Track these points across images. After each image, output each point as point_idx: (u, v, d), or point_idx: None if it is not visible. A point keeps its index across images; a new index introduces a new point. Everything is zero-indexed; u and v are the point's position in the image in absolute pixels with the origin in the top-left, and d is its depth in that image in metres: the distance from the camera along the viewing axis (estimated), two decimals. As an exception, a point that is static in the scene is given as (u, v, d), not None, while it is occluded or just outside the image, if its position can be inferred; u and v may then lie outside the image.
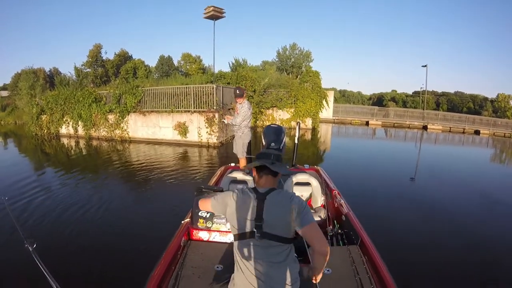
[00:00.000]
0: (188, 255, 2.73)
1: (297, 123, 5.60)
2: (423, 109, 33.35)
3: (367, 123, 28.16)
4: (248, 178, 4.22)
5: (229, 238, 3.06)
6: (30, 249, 2.07)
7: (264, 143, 5.02)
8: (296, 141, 5.12)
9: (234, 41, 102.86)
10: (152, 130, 15.13)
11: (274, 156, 2.03)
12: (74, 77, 39.74)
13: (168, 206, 6.28)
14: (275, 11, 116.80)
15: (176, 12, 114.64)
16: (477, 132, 25.96)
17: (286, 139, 5.10)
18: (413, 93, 72.62)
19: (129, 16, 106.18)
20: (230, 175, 4.38)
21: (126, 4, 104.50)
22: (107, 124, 16.25)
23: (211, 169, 9.06)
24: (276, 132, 5.29)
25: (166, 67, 43.24)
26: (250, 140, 5.89)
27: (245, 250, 1.94)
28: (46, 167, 10.99)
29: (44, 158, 12.84)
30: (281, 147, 5.06)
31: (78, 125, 17.48)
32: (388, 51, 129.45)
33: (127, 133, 15.79)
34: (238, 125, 5.82)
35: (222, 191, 2.92)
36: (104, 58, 44.70)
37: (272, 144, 4.98)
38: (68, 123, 18.12)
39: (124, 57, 45.44)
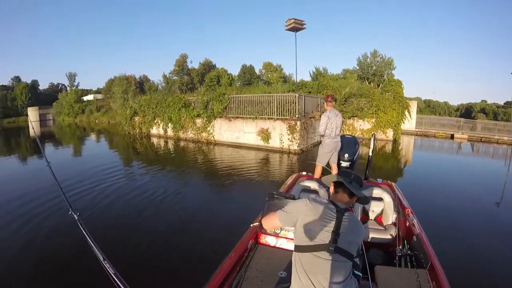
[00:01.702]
0: (254, 258, 2.76)
1: (372, 135, 5.43)
2: (514, 122, 30.18)
3: (452, 137, 26.21)
4: (320, 188, 4.10)
5: None
6: (76, 217, 2.17)
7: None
8: (370, 154, 5.02)
9: (314, 49, 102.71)
10: (236, 134, 15.97)
11: (354, 176, 2.05)
12: (162, 84, 43.61)
13: (243, 206, 6.53)
14: (358, 16, 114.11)
15: (258, 22, 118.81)
16: None
17: (360, 150, 5.14)
18: (504, 103, 65.81)
19: (213, 27, 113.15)
20: (302, 183, 4.31)
21: (210, 17, 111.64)
22: (194, 127, 17.59)
23: (291, 173, 9.16)
24: (350, 143, 5.35)
25: (248, 75, 44.94)
26: (334, 151, 5.67)
27: (311, 262, 1.88)
28: (139, 159, 12.39)
29: (134, 153, 14.75)
30: (354, 158, 5.13)
31: (168, 127, 19.20)
32: (477, 57, 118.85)
33: (213, 136, 16.91)
34: (322, 133, 5.73)
35: (294, 198, 3.00)
36: (189, 67, 48.11)
37: (346, 155, 5.09)
38: (159, 124, 20.07)
39: (208, 66, 48.58)
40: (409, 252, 2.93)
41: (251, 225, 3.20)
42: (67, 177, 8.90)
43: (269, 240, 3.12)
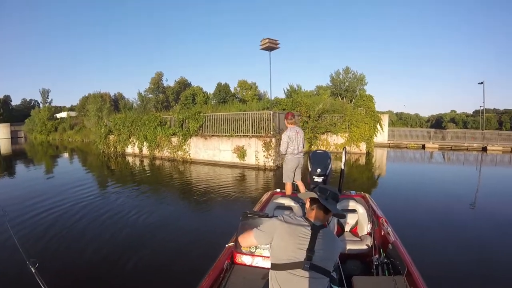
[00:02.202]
0: (230, 278, 2.73)
1: (343, 149, 5.51)
2: (482, 130, 31.61)
3: (423, 147, 27.17)
4: (294, 204, 4.10)
5: None
6: (33, 270, 2.06)
7: (310, 168, 5.02)
8: (342, 167, 5.06)
9: (288, 66, 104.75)
10: (212, 152, 16.01)
11: (330, 193, 2.06)
12: (138, 102, 43.30)
13: (220, 223, 6.57)
14: (329, 35, 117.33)
15: (233, 41, 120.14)
16: (542, 150, 24.01)
17: (332, 165, 5.26)
18: (473, 112, 68.79)
19: (189, 45, 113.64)
20: (276, 201, 4.31)
21: (185, 35, 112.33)
22: (170, 146, 17.53)
23: (267, 189, 9.17)
24: (321, 158, 5.16)
25: (223, 93, 45.15)
26: (297, 166, 5.80)
27: (287, 280, 1.89)
28: (113, 179, 12.12)
29: (109, 173, 14.40)
30: (327, 173, 4.98)
31: (143, 146, 19.04)
32: (445, 70, 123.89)
33: (189, 155, 16.88)
34: (284, 152, 5.80)
35: (267, 217, 3.00)
36: (165, 85, 48.17)
37: (318, 170, 4.91)
38: (134, 143, 19.87)
39: (183, 84, 48.79)
40: (385, 260, 2.95)
41: (226, 245, 3.16)
42: (36, 198, 8.59)
43: (245, 260, 3.08)
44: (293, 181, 5.80)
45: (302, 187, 5.73)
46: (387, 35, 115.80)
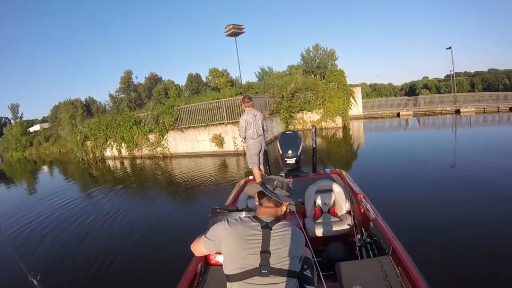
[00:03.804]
0: (206, 282, 2.54)
1: (313, 127, 5.34)
2: (454, 93, 32.56)
3: (398, 115, 27.86)
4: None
5: None
6: (35, 282, 2.13)
7: (280, 151, 4.90)
8: (314, 146, 5.00)
9: (258, 50, 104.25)
10: (191, 144, 16.09)
11: (278, 182, 1.88)
12: (110, 103, 42.58)
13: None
14: (296, 15, 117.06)
15: (200, 31, 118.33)
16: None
17: (303, 144, 4.98)
18: (445, 77, 70.16)
19: (155, 39, 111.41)
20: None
21: (150, 29, 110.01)
22: (148, 143, 17.48)
23: (248, 174, 8.73)
24: (291, 139, 5.06)
25: (195, 84, 44.77)
26: (260, 150, 5.63)
27: None
28: (96, 186, 12.05)
29: (92, 179, 14.13)
30: (299, 153, 4.89)
31: (122, 147, 18.86)
32: (414, 37, 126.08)
33: (168, 150, 16.92)
34: (243, 137, 5.62)
35: (237, 210, 2.77)
36: (135, 83, 47.28)
37: (290, 151, 4.83)
38: (112, 146, 19.64)
39: (154, 80, 47.94)
40: (368, 239, 2.80)
41: None
42: (26, 216, 8.43)
43: (220, 259, 2.75)
44: (258, 166, 5.65)
45: (260, 171, 5.52)
46: (354, 8, 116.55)
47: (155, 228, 6.28)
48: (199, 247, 1.87)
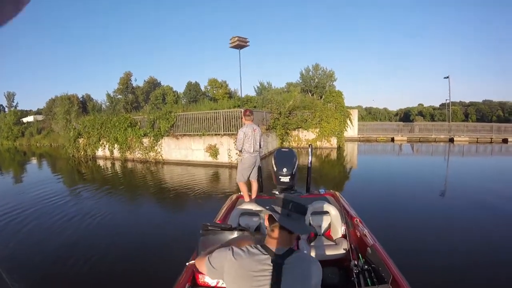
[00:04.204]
0: None
1: (309, 146, 5.27)
2: (449, 122, 33.01)
3: (392, 139, 28.12)
4: (260, 209, 3.64)
5: None
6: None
7: (275, 168, 4.79)
8: (309, 165, 4.93)
9: (259, 64, 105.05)
10: (184, 152, 15.98)
11: (293, 205, 1.54)
12: (106, 103, 42.42)
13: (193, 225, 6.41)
14: (297, 34, 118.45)
15: (203, 40, 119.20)
16: (505, 141, 25.71)
17: (298, 162, 4.88)
18: (440, 105, 71.19)
19: (156, 43, 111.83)
20: (241, 206, 3.82)
21: (154, 34, 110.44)
22: (142, 147, 17.32)
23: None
24: (287, 156, 4.96)
25: (193, 92, 44.82)
26: (254, 165, 5.42)
27: None
28: (84, 184, 11.90)
29: (80, 177, 13.91)
30: (294, 172, 4.81)
31: (114, 148, 18.67)
32: (411, 65, 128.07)
33: (161, 155, 16.75)
34: (239, 149, 5.41)
35: (230, 228, 2.64)
36: (134, 85, 47.30)
37: (284, 169, 4.75)
38: (105, 146, 19.46)
39: (153, 84, 48.05)
40: (366, 266, 2.64)
41: (187, 263, 2.71)
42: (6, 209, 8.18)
43: (208, 280, 2.62)
44: (247, 181, 5.42)
45: (254, 186, 5.37)
46: (355, 32, 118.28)
47: (139, 231, 6.19)
48: (203, 268, 1.63)
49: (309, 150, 5.13)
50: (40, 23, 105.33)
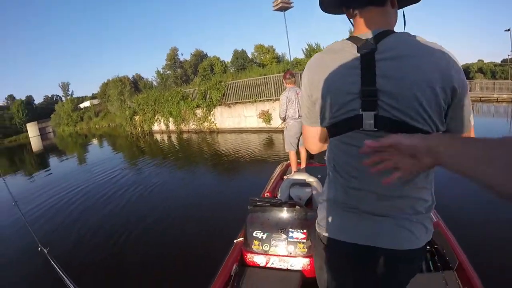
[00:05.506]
0: (241, 286, 2.23)
1: None
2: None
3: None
4: (312, 180, 3.35)
5: (290, 263, 2.35)
6: (46, 251, 2.10)
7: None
8: None
9: (305, 26, 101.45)
10: (237, 120, 16.17)
11: None
12: (157, 80, 43.69)
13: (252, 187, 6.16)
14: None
15: (246, 6, 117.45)
16: None
17: None
18: (501, 61, 65.25)
19: (200, 15, 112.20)
20: (291, 176, 3.65)
21: (195, 4, 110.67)
22: (195, 118, 17.77)
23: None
24: None
25: (241, 60, 44.40)
26: (300, 132, 4.72)
27: (344, 158, 1.03)
28: (144, 158, 12.48)
29: (139, 152, 14.73)
30: None
31: (169, 122, 19.38)
32: (471, 16, 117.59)
33: (215, 125, 17.12)
34: (283, 115, 5.05)
35: (280, 204, 2.52)
36: (181, 59, 47.98)
37: None
38: (160, 120, 20.17)
39: (200, 56, 48.34)
40: (428, 247, 2.24)
41: (235, 241, 2.59)
42: (75, 187, 8.68)
43: (258, 260, 2.44)
44: (297, 150, 5.04)
45: (303, 154, 4.91)
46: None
47: (193, 203, 6.05)
48: (313, 137, 1.19)
49: None
50: (83, 13, 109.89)
